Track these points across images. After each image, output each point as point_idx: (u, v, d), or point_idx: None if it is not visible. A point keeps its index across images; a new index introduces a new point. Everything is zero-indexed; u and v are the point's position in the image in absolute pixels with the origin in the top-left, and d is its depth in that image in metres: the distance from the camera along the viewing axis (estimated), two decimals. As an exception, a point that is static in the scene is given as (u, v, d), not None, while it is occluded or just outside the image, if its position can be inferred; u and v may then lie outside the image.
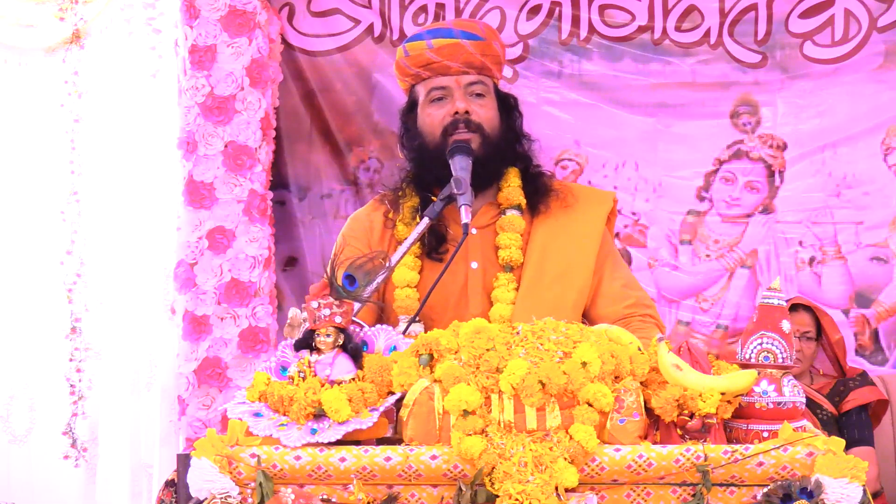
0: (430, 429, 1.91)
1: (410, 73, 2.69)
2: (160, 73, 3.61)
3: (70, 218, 3.65)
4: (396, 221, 2.67)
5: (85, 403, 3.63)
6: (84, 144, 3.66)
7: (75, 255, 3.65)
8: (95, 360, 3.65)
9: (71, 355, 3.62)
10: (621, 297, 2.65)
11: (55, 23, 3.64)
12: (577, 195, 2.70)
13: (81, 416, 3.62)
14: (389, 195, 2.73)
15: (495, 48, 2.71)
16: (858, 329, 3.62)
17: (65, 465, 3.62)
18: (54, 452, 3.63)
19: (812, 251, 3.64)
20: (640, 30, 3.61)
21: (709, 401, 1.89)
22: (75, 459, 3.61)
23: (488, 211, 2.66)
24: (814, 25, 3.59)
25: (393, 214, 2.68)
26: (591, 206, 2.69)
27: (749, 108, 3.65)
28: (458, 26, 2.70)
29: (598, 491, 1.87)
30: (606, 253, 2.69)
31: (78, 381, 3.62)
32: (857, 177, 3.61)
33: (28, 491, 3.69)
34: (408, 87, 2.74)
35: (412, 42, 2.70)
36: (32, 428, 3.68)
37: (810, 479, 1.81)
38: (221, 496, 1.88)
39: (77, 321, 3.63)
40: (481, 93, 2.66)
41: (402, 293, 2.59)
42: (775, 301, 1.98)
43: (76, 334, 3.64)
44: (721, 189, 3.65)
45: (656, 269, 3.66)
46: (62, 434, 3.60)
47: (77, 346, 3.62)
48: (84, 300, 3.64)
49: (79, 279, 3.64)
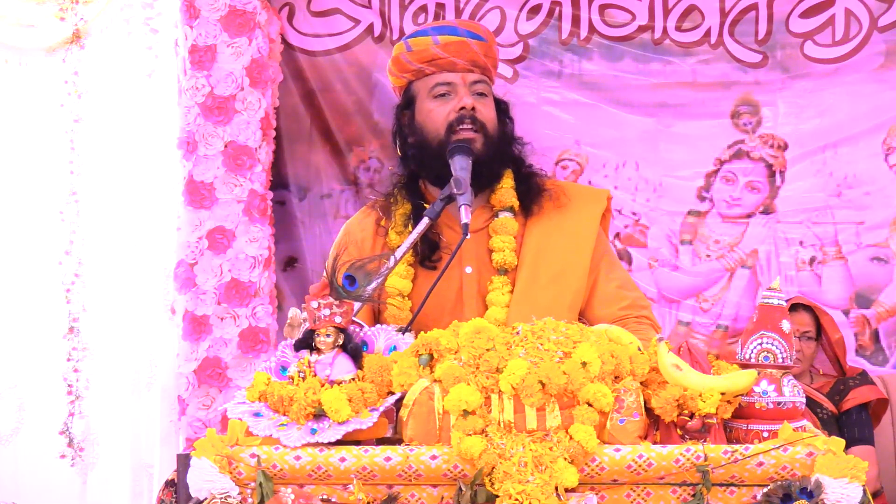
0: (430, 429, 1.91)
1: (411, 69, 2.67)
2: (156, 73, 3.61)
3: (69, 218, 3.65)
4: (389, 230, 2.65)
5: (82, 403, 3.63)
6: (83, 144, 3.66)
7: (74, 255, 3.65)
8: (93, 359, 3.65)
9: (69, 355, 3.63)
10: (617, 299, 2.64)
11: (55, 23, 3.64)
12: (570, 195, 2.68)
13: (79, 416, 3.62)
14: (381, 201, 2.71)
15: (494, 51, 2.71)
16: (859, 329, 3.62)
17: (60, 464, 3.62)
18: (49, 452, 3.63)
19: (812, 251, 3.64)
20: (641, 29, 3.60)
21: (709, 401, 1.89)
22: (72, 459, 3.61)
23: (481, 214, 2.65)
24: (814, 25, 3.59)
25: (385, 222, 2.67)
26: (585, 206, 2.68)
27: (750, 108, 3.64)
28: (463, 25, 2.70)
29: (598, 491, 1.87)
30: (602, 253, 2.68)
31: (75, 381, 3.63)
32: (858, 177, 3.61)
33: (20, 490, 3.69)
34: (403, 83, 2.71)
35: (416, 38, 2.69)
36: (19, 428, 3.69)
37: (810, 479, 1.81)
38: (221, 496, 1.88)
39: (75, 321, 3.64)
40: (484, 92, 2.65)
41: (394, 302, 2.56)
42: (775, 301, 1.98)
43: (74, 334, 3.64)
44: (722, 189, 3.65)
45: (656, 269, 3.66)
46: (59, 433, 3.61)
47: (75, 346, 3.63)
48: (82, 300, 3.64)
49: (77, 279, 3.64)
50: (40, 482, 3.68)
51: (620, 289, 2.66)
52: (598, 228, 2.69)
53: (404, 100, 2.70)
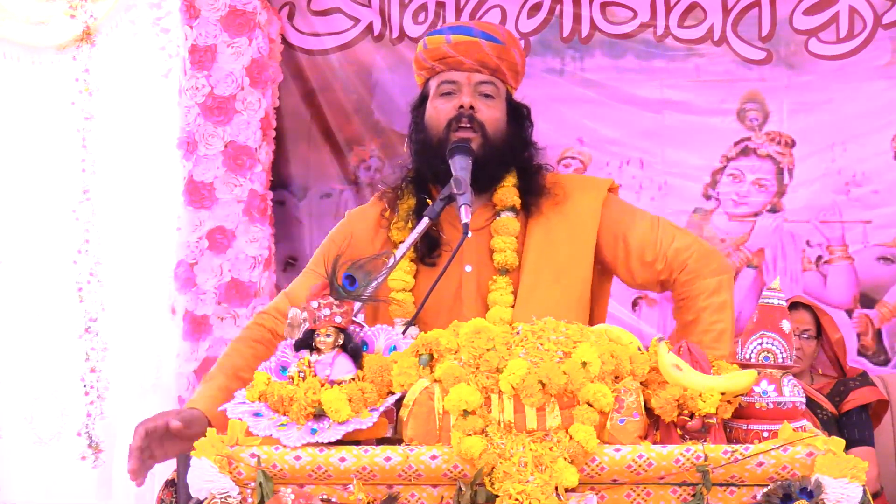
0: (430, 429, 1.91)
1: (426, 67, 2.67)
2: (172, 72, 3.61)
3: (83, 217, 3.65)
4: (391, 224, 2.65)
5: (103, 404, 3.63)
6: (96, 142, 3.67)
7: (89, 255, 3.65)
8: (111, 359, 3.65)
9: (86, 355, 3.62)
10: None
11: (66, 20, 3.64)
12: (567, 189, 2.66)
13: (99, 417, 3.62)
14: (389, 193, 2.71)
15: (513, 55, 2.68)
16: (862, 329, 3.61)
17: (82, 466, 3.62)
18: (72, 454, 3.63)
19: (819, 250, 3.63)
20: (643, 27, 3.60)
21: (709, 401, 1.88)
22: (93, 461, 3.61)
23: (483, 213, 2.64)
24: (818, 22, 3.58)
25: (390, 214, 2.67)
26: (584, 197, 2.65)
27: (756, 105, 3.64)
28: (480, 27, 2.69)
29: (598, 491, 1.87)
30: (617, 223, 2.61)
31: (95, 382, 3.62)
32: (867, 175, 3.60)
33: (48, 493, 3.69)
34: (423, 81, 2.73)
35: (433, 36, 2.69)
36: (61, 432, 3.69)
37: (810, 479, 1.80)
38: (221, 496, 1.88)
39: (92, 321, 3.63)
40: (490, 94, 2.64)
41: (398, 296, 2.57)
42: (775, 301, 1.98)
43: (90, 334, 3.64)
44: (728, 187, 3.63)
45: (661, 268, 3.64)
46: (77, 435, 3.61)
47: (93, 346, 3.62)
48: (100, 299, 3.64)
49: (92, 278, 3.64)
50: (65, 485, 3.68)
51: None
52: (601, 212, 2.63)
53: (420, 96, 2.71)
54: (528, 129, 2.70)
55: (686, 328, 2.52)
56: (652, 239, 2.57)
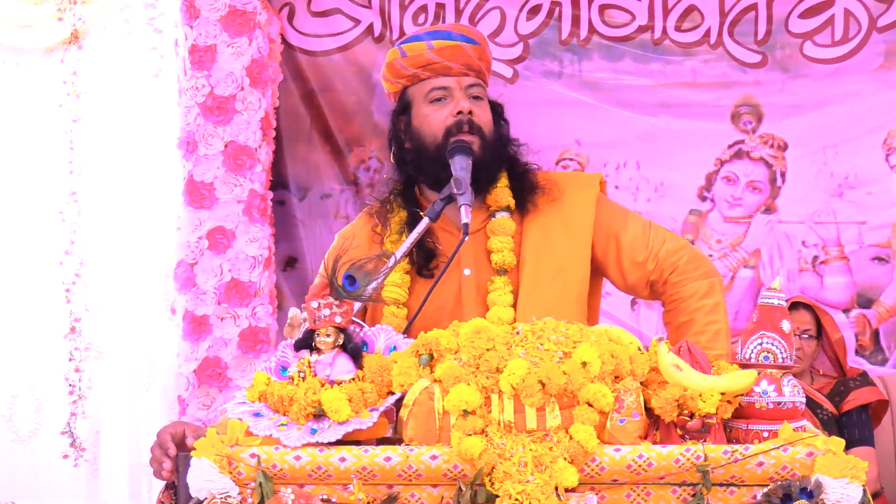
0: (430, 429, 1.91)
1: (406, 75, 2.65)
2: (163, 72, 3.62)
3: (69, 218, 3.65)
4: (384, 238, 2.64)
5: (85, 403, 3.63)
6: (83, 145, 3.67)
7: (74, 255, 3.65)
8: (96, 360, 3.65)
9: (70, 355, 3.63)
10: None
11: (53, 23, 3.64)
12: (562, 186, 2.66)
13: (81, 416, 3.62)
14: (377, 207, 2.70)
15: (488, 54, 2.70)
16: (859, 329, 3.62)
17: (65, 464, 3.62)
18: (55, 452, 3.63)
19: (815, 251, 3.65)
20: (640, 30, 3.61)
21: (709, 401, 1.88)
22: (74, 459, 3.61)
23: (478, 215, 2.63)
24: (814, 25, 3.59)
25: (381, 229, 2.66)
26: (578, 194, 2.65)
27: (750, 108, 3.65)
28: (456, 29, 2.69)
29: (598, 491, 1.87)
30: (609, 222, 2.62)
31: (78, 381, 3.63)
32: (860, 177, 3.62)
33: (30, 490, 3.69)
34: (398, 89, 2.70)
35: (410, 43, 2.68)
36: (38, 429, 3.68)
37: (810, 479, 1.80)
38: (221, 496, 1.87)
39: (76, 321, 3.64)
40: (479, 96, 2.64)
41: (388, 311, 2.55)
42: (775, 301, 1.98)
43: (75, 334, 3.64)
44: (723, 189, 3.65)
45: (658, 268, 3.65)
46: (61, 433, 3.60)
47: (77, 346, 3.63)
48: (83, 300, 3.64)
49: (78, 279, 3.64)
50: (48, 482, 3.68)
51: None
52: (594, 212, 2.64)
53: (400, 105, 2.68)
54: (506, 126, 2.70)
55: (680, 329, 2.52)
56: (644, 240, 2.58)
